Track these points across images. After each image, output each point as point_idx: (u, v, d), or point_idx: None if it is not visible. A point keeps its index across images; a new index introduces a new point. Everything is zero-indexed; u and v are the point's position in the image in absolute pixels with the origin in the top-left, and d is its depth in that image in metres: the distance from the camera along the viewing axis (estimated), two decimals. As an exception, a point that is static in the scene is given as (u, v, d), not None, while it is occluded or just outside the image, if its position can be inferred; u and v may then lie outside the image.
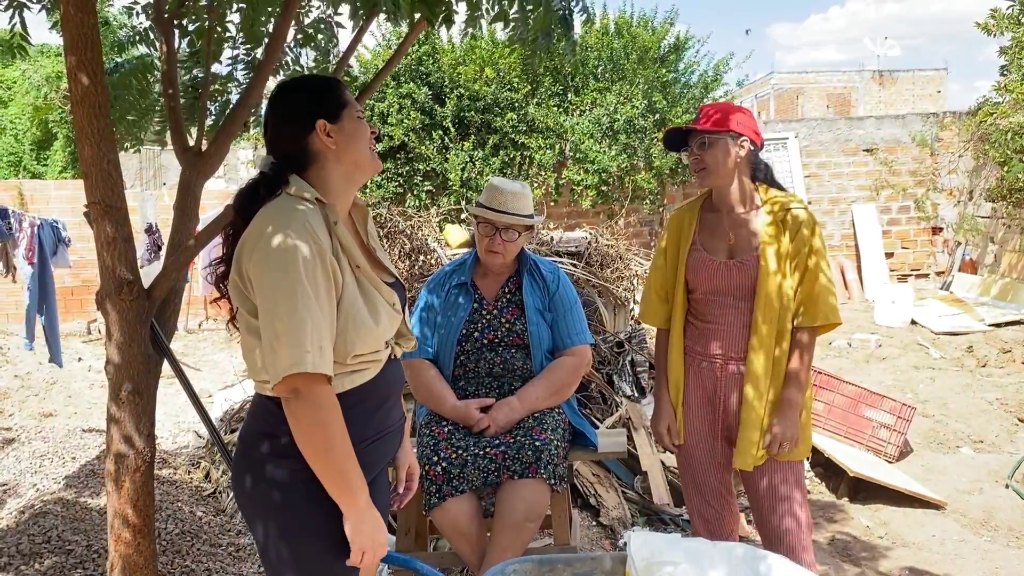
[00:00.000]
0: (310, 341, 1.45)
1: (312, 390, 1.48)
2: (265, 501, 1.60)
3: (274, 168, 1.63)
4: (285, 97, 1.67)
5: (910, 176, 10.58)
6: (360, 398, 1.63)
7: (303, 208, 1.55)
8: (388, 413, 1.73)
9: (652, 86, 9.83)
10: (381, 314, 1.63)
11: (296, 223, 1.50)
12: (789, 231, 2.37)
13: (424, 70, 9.77)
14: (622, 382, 4.35)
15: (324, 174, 1.64)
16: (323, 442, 1.49)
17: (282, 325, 1.46)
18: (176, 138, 2.54)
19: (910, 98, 24.65)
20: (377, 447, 1.70)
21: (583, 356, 2.73)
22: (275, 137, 1.66)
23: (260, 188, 1.62)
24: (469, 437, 2.57)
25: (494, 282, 2.79)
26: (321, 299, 1.49)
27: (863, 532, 3.80)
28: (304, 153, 1.63)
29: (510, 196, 2.69)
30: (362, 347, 1.59)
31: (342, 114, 1.65)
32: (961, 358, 6.93)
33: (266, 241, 1.49)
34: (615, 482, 3.92)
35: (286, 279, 1.46)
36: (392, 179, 9.82)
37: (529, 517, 2.45)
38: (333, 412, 1.50)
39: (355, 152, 1.66)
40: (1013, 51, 8.99)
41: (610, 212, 10.02)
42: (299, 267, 1.46)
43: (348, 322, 1.56)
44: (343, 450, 1.51)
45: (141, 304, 2.17)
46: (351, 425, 1.58)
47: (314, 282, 1.48)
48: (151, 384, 2.21)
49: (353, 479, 1.53)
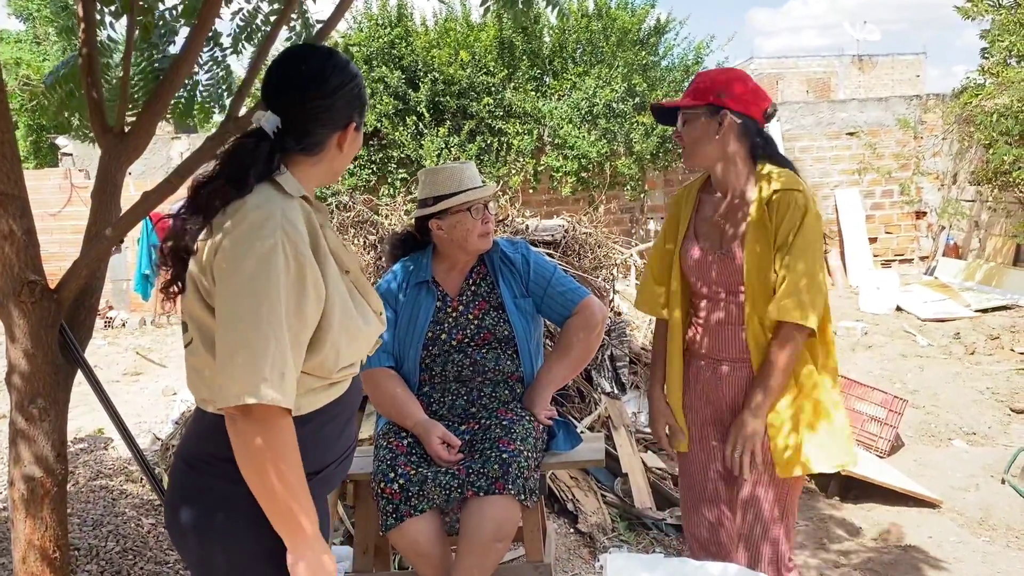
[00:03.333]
0: (271, 366, 1.25)
1: (266, 418, 1.27)
2: (209, 527, 1.38)
3: (278, 139, 1.40)
4: (341, 76, 1.44)
5: (894, 159, 10.43)
6: (334, 413, 1.48)
7: (288, 205, 1.35)
8: (353, 428, 1.59)
9: (632, 69, 9.59)
10: (372, 324, 1.48)
11: (281, 221, 1.31)
12: (775, 216, 2.07)
13: (397, 53, 9.46)
14: (601, 378, 4.11)
15: (311, 171, 1.46)
16: (271, 472, 1.29)
17: (241, 344, 1.25)
18: (95, 119, 2.26)
19: (889, 82, 24.62)
20: (340, 469, 1.55)
21: (590, 308, 2.46)
22: (298, 109, 1.41)
23: (262, 156, 1.38)
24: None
25: (457, 276, 2.52)
26: (295, 316, 1.30)
27: (856, 534, 3.60)
28: (317, 144, 1.44)
29: (465, 169, 2.45)
30: (351, 358, 1.45)
31: (361, 123, 1.51)
32: (949, 345, 6.78)
33: (243, 235, 1.29)
34: (594, 485, 3.69)
35: (256, 286, 1.26)
36: (365, 167, 9.52)
37: (497, 537, 2.20)
38: (288, 442, 1.30)
39: (346, 163, 1.53)
40: (994, 34, 8.85)
41: (591, 199, 9.79)
42: (275, 274, 1.27)
43: (342, 334, 1.39)
44: (293, 481, 1.31)
45: (47, 306, 1.89)
46: (321, 445, 1.45)
47: (291, 294, 1.29)
48: (61, 397, 1.94)
49: (299, 510, 1.32)
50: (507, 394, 2.45)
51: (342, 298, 1.39)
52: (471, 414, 2.43)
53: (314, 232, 1.37)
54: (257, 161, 1.38)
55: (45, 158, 13.31)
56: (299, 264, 1.30)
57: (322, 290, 1.34)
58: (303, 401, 1.38)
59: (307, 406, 1.40)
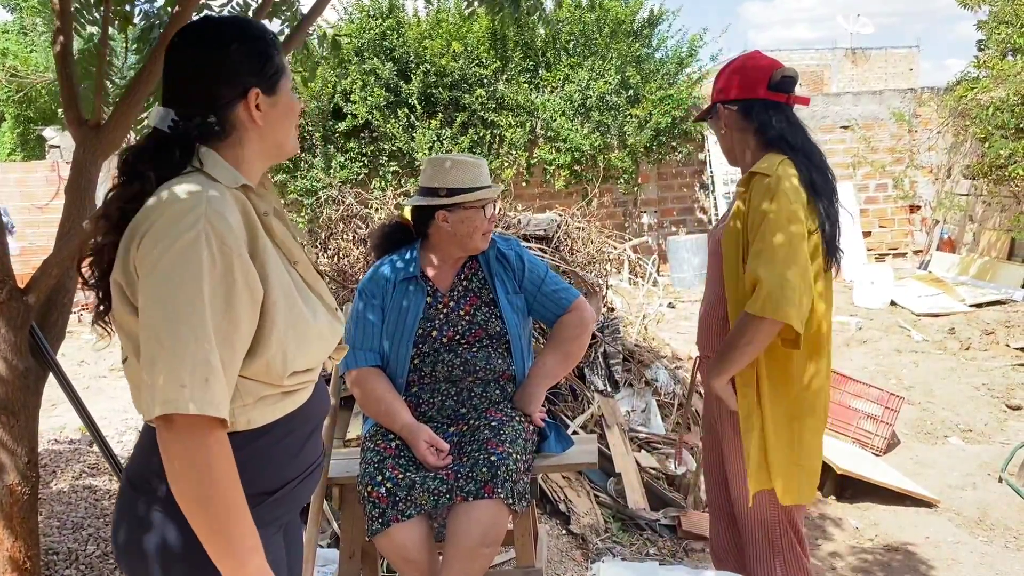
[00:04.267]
0: (190, 372, 1.12)
1: (190, 430, 1.14)
2: (143, 553, 1.26)
3: (178, 131, 1.27)
4: (214, 43, 1.29)
5: (888, 153, 10.38)
6: (293, 426, 1.33)
7: (216, 194, 1.21)
8: (316, 442, 1.43)
9: (626, 61, 9.51)
10: (321, 320, 1.33)
11: (205, 212, 1.17)
12: (747, 201, 1.97)
13: (389, 45, 9.36)
14: (594, 376, 4.05)
15: (240, 151, 1.31)
16: (197, 492, 1.15)
17: (159, 347, 1.13)
18: (69, 110, 2.18)
19: (883, 76, 24.57)
20: (303, 487, 1.39)
21: (582, 308, 2.43)
22: (187, 91, 1.29)
23: (160, 152, 1.26)
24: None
25: (448, 271, 2.45)
26: (223, 315, 1.16)
27: (852, 535, 3.55)
28: (221, 122, 1.29)
29: (481, 167, 2.38)
30: (303, 362, 1.29)
31: (279, 86, 1.33)
32: (944, 340, 6.73)
33: (162, 229, 1.17)
34: (587, 485, 3.63)
35: (175, 284, 1.14)
36: (356, 159, 9.42)
37: (485, 542, 2.13)
38: (217, 456, 1.15)
39: (282, 132, 1.36)
40: (991, 25, 8.78)
41: (584, 192, 9.71)
42: (197, 269, 1.14)
43: (288, 334, 1.25)
44: (230, 505, 1.16)
45: (15, 307, 1.81)
46: (277, 462, 1.30)
47: (217, 292, 1.16)
48: (31, 401, 1.86)
49: (238, 539, 1.18)
50: (498, 394, 2.39)
51: (286, 293, 1.27)
52: (460, 415, 2.36)
53: (251, 223, 1.25)
54: (154, 160, 1.25)
55: (32, 150, 13.15)
56: (226, 258, 1.16)
57: (258, 286, 1.21)
58: (254, 413, 1.26)
59: (259, 418, 1.27)
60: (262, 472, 1.27)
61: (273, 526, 1.31)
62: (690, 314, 7.50)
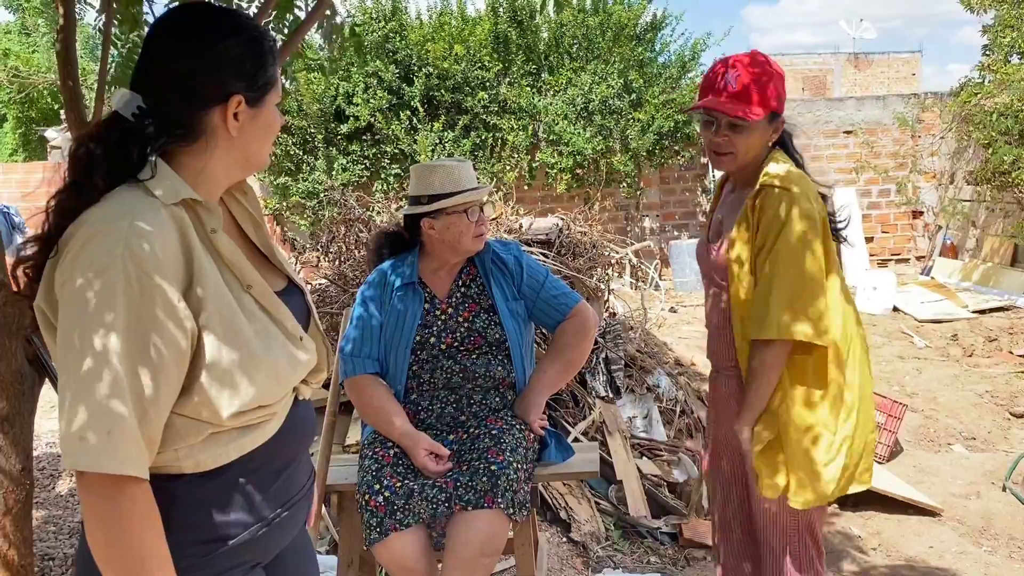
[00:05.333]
0: (93, 422, 0.98)
1: (100, 487, 1.01)
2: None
3: (141, 122, 1.11)
4: (206, 32, 1.14)
5: (891, 158, 10.36)
6: (256, 464, 1.18)
7: (144, 213, 1.05)
8: (293, 475, 1.27)
9: (628, 65, 9.50)
10: (277, 354, 1.16)
11: (126, 235, 1.02)
12: (757, 213, 1.90)
13: (391, 47, 9.36)
14: (595, 382, 4.02)
15: (202, 160, 1.15)
16: (109, 550, 1.03)
17: (65, 388, 1.01)
18: (71, 113, 2.16)
19: (885, 80, 24.58)
20: (277, 529, 1.22)
21: (583, 313, 2.40)
22: (162, 79, 1.13)
23: (118, 151, 1.10)
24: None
25: (446, 277, 2.42)
26: (139, 353, 1.02)
27: (855, 544, 3.52)
28: (189, 124, 1.13)
29: (463, 169, 2.35)
30: (248, 400, 1.12)
31: (266, 99, 1.19)
32: (947, 347, 6.71)
33: (76, 255, 1.02)
34: (588, 492, 3.60)
35: (85, 318, 1.00)
36: (358, 162, 9.42)
37: (485, 552, 2.11)
38: (128, 515, 1.02)
39: (254, 147, 1.20)
40: (995, 30, 8.76)
41: (586, 196, 9.70)
42: (111, 302, 1.00)
43: (225, 368, 1.09)
44: (141, 560, 1.03)
45: (10, 312, 1.79)
46: (238, 505, 1.15)
47: (133, 326, 1.01)
48: (26, 407, 1.84)
49: None
50: (497, 401, 2.37)
51: (227, 324, 1.10)
52: (460, 422, 2.34)
53: (187, 245, 1.09)
54: (103, 158, 1.09)
55: (34, 151, 13.15)
56: (145, 289, 1.02)
57: (184, 317, 1.05)
58: (203, 455, 1.11)
59: (210, 460, 1.12)
60: (218, 516, 1.14)
61: (239, 569, 1.18)
62: (692, 318, 7.48)
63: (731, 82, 1.90)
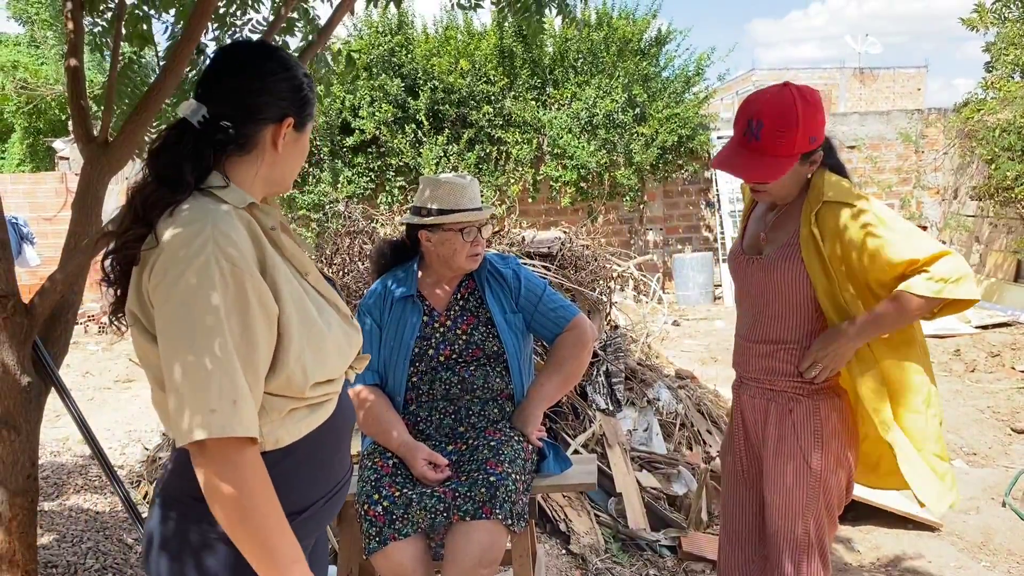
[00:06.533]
0: (218, 396, 1.14)
1: (224, 452, 1.16)
2: (181, 574, 1.27)
3: (206, 129, 1.28)
4: (279, 63, 1.35)
5: (894, 173, 10.39)
6: (318, 443, 1.34)
7: (222, 215, 1.22)
8: (344, 458, 1.45)
9: (633, 79, 9.56)
10: (335, 328, 1.35)
11: (212, 235, 1.18)
12: (818, 226, 1.92)
13: (397, 61, 9.44)
14: (596, 394, 4.04)
15: (252, 170, 1.34)
16: (238, 512, 1.17)
17: (183, 375, 1.15)
18: (79, 127, 2.20)
19: (890, 95, 24.62)
20: (331, 506, 1.41)
21: (580, 326, 2.43)
22: (232, 93, 1.31)
23: (196, 154, 1.27)
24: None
25: (445, 290, 2.46)
26: (241, 337, 1.18)
27: (854, 559, 3.53)
28: (249, 135, 1.31)
29: (467, 188, 2.39)
30: (322, 373, 1.30)
31: (306, 127, 1.40)
32: (949, 362, 6.71)
33: (171, 257, 1.18)
34: (587, 504, 3.61)
35: (190, 311, 1.15)
36: (363, 174, 9.48)
37: (483, 563, 2.13)
38: (253, 476, 1.18)
39: (290, 168, 1.40)
40: (998, 47, 8.81)
41: (590, 209, 9.74)
42: (210, 294, 1.15)
43: (305, 346, 1.26)
44: (268, 520, 1.19)
45: (19, 322, 1.83)
46: (306, 480, 1.32)
47: (233, 314, 1.17)
48: (32, 416, 1.87)
49: (280, 552, 1.20)
50: (496, 413, 2.39)
51: (300, 306, 1.28)
52: (459, 433, 2.37)
53: (259, 241, 1.26)
54: (186, 155, 1.26)
55: (42, 161, 13.25)
56: (237, 279, 1.18)
57: (271, 304, 1.23)
58: (283, 431, 1.28)
59: (287, 436, 1.29)
60: (290, 492, 1.28)
61: (301, 544, 1.29)
62: (695, 332, 7.49)
63: (755, 134, 1.88)
